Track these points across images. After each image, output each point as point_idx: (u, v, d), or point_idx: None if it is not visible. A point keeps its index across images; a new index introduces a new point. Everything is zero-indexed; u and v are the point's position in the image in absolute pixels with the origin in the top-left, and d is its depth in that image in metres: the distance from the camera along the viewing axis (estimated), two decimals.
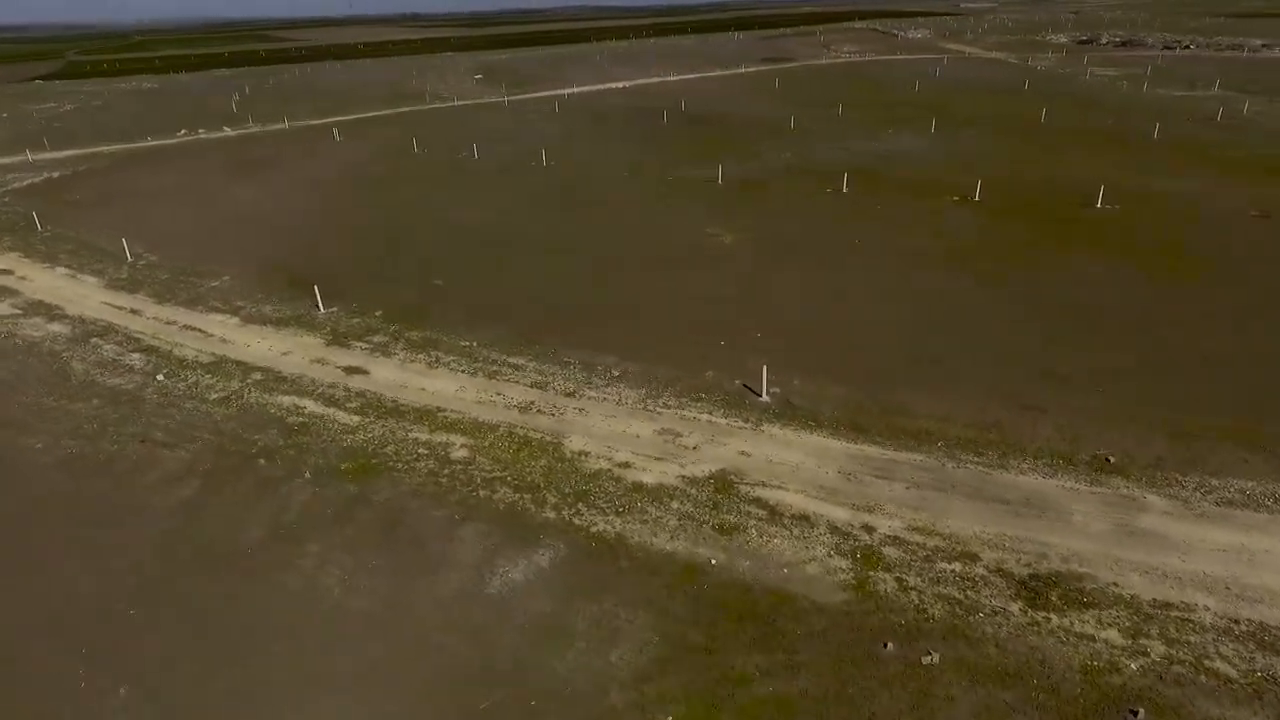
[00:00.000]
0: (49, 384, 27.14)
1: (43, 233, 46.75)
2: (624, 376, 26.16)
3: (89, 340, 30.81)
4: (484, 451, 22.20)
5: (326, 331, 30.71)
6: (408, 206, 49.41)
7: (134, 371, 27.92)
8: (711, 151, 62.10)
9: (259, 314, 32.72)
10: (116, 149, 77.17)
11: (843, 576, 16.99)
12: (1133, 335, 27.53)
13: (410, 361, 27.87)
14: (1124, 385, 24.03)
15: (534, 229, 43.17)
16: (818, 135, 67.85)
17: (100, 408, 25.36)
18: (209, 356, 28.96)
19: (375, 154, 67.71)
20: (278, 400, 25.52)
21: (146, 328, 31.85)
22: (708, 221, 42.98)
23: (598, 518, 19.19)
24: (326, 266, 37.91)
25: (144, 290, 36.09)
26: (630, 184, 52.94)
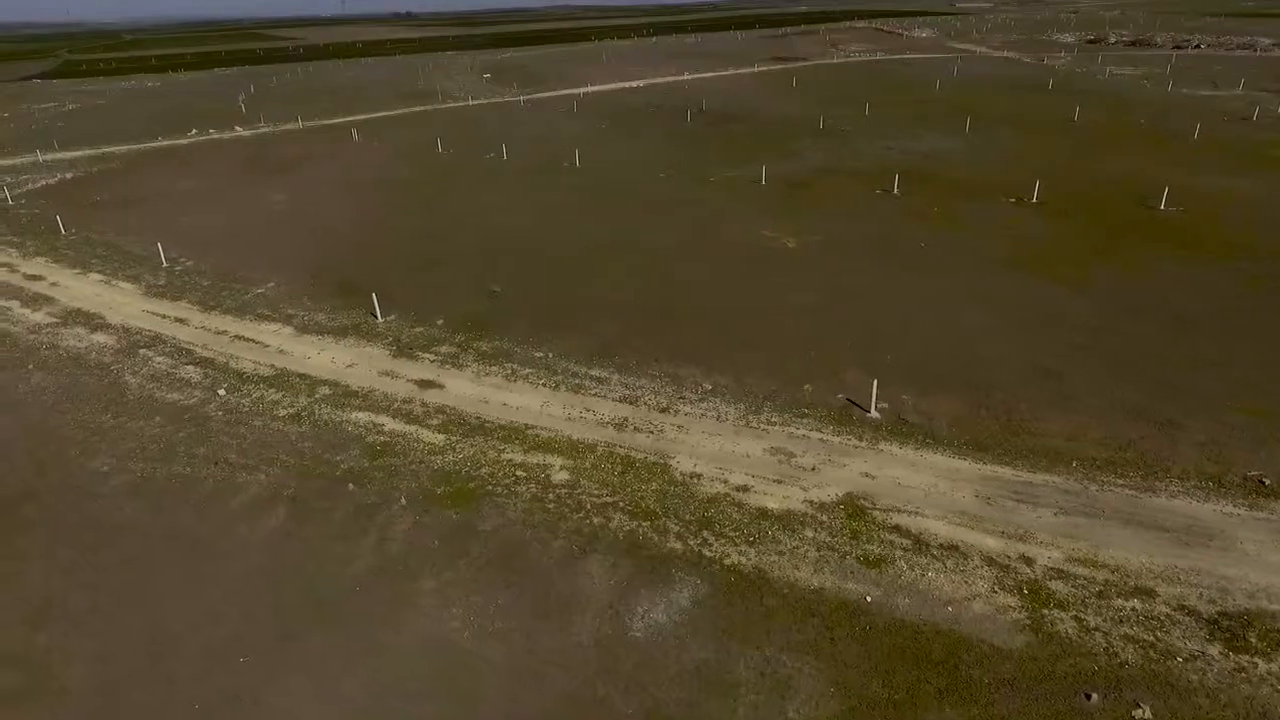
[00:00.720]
0: (104, 400, 25.53)
1: (68, 236, 45.02)
2: (716, 390, 24.75)
3: (137, 352, 29.19)
4: (587, 474, 20.76)
5: (389, 342, 29.18)
6: (446, 209, 47.85)
7: (192, 386, 26.33)
8: (745, 152, 60.76)
9: (313, 323, 31.15)
10: (128, 149, 75.28)
11: (1015, 615, 15.62)
12: (1245, 343, 26.29)
13: (485, 375, 26.37)
14: (1257, 399, 22.75)
15: (582, 232, 41.69)
16: (850, 135, 66.54)
17: (164, 426, 23.77)
18: (269, 369, 27.40)
19: (399, 154, 66.06)
20: (352, 417, 24.00)
21: (196, 338, 30.24)
22: (763, 224, 41.59)
23: (729, 549, 17.77)
24: (374, 272, 36.35)
25: (186, 298, 34.46)
26: (671, 185, 51.51)
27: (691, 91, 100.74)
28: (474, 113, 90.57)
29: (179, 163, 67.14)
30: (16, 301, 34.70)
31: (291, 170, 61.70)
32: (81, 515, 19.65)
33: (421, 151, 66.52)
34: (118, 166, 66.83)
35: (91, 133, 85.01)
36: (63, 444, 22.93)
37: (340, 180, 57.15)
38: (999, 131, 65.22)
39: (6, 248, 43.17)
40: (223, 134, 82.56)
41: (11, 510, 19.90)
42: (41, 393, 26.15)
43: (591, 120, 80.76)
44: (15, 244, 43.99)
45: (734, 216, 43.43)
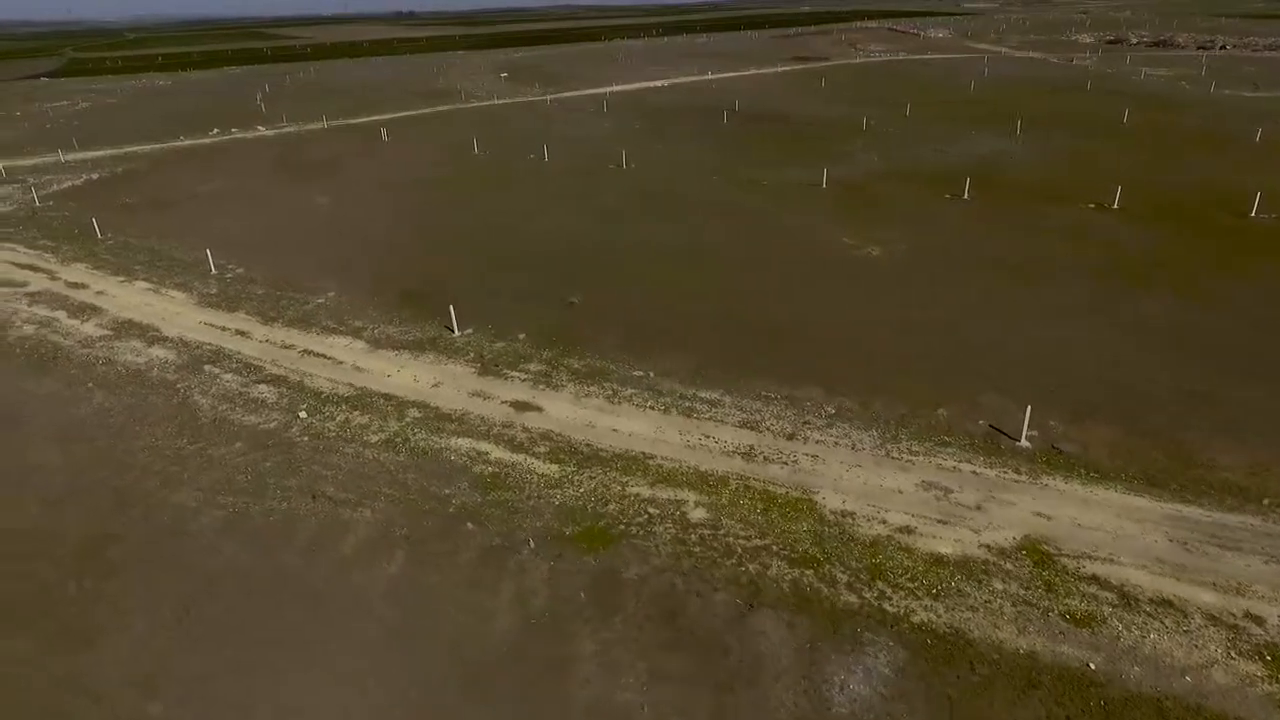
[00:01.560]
0: (177, 423, 23.57)
1: (104, 240, 43.04)
2: (842, 415, 22.84)
3: (202, 368, 27.22)
4: (726, 511, 18.83)
5: (471, 358, 27.23)
6: (498, 212, 45.90)
7: (269, 407, 24.37)
8: (793, 154, 58.91)
9: (385, 337, 29.20)
10: (150, 149, 73.29)
11: (1266, 687, 13.70)
12: None
13: (585, 396, 24.43)
14: None
15: (647, 237, 39.76)
16: (898, 136, 64.65)
17: (247, 453, 21.82)
18: (348, 389, 25.44)
19: (435, 155, 64.08)
20: (451, 444, 22.06)
21: (262, 353, 28.27)
22: (837, 230, 39.68)
23: (911, 602, 15.85)
24: (439, 281, 34.42)
25: (243, 308, 32.50)
26: (727, 188, 49.59)
27: (718, 92, 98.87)
28: (501, 112, 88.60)
29: (206, 163, 65.13)
30: (63, 312, 32.72)
31: (327, 171, 59.72)
32: (176, 559, 17.69)
33: (458, 152, 64.55)
34: (143, 167, 64.84)
35: (110, 132, 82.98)
36: (140, 474, 20.96)
37: (380, 181, 55.19)
38: (1052, 134, 63.33)
39: (43, 253, 41.19)
40: (246, 133, 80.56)
41: (98, 552, 17.94)
42: (108, 414, 24.19)
43: (624, 120, 78.81)
44: (51, 248, 42.01)
45: (803, 222, 41.53)
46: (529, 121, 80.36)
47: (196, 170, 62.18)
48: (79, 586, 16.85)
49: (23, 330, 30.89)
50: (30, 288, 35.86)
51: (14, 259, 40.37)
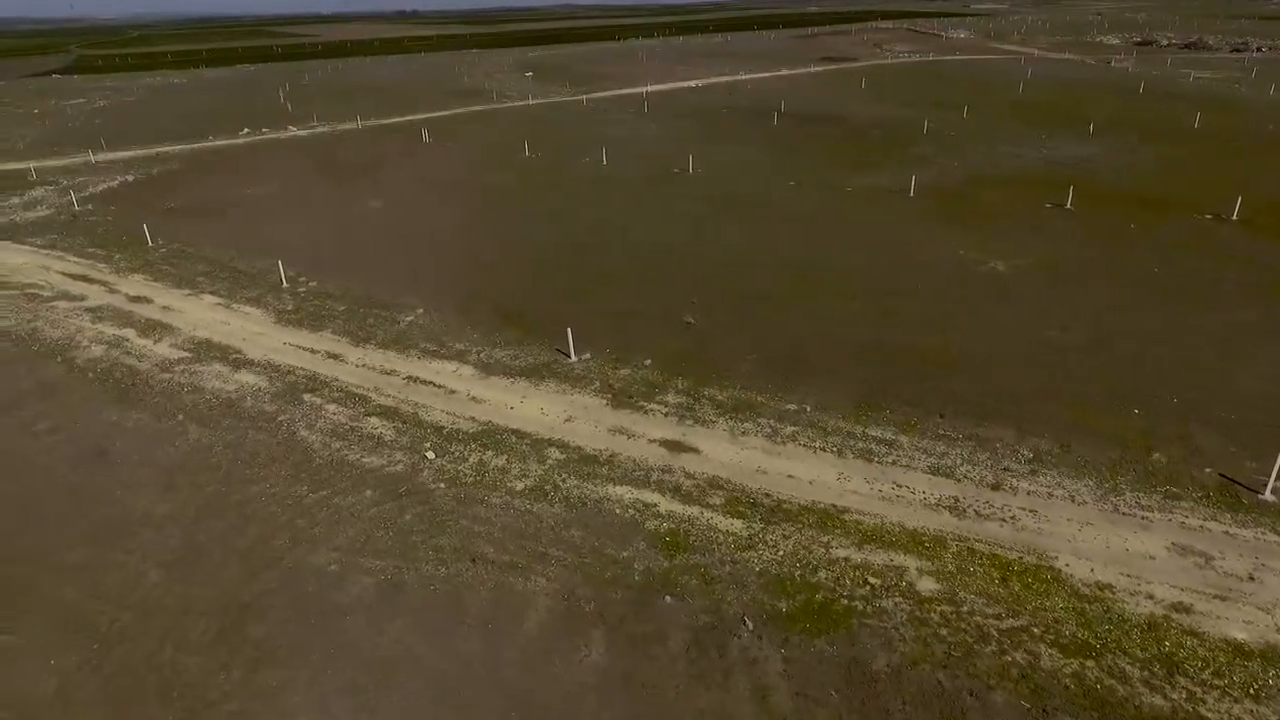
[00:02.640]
0: (290, 465, 20.92)
1: (157, 248, 40.39)
2: (1043, 459, 20.23)
3: (300, 398, 24.56)
4: (959, 582, 16.22)
5: (598, 388, 24.59)
6: (574, 220, 43.28)
7: (388, 446, 21.72)
8: (863, 158, 56.35)
9: (495, 362, 26.55)
10: (180, 149, 70.65)
11: None
12: None
13: (742, 435, 21.80)
14: None
15: (743, 249, 37.16)
16: (965, 140, 62.06)
17: (380, 503, 19.18)
18: (471, 423, 22.80)
19: (484, 157, 61.44)
20: (609, 493, 19.43)
21: (363, 380, 25.62)
22: (947, 241, 37.08)
23: (1232, 706, 13.25)
24: (534, 297, 31.84)
25: (328, 327, 29.84)
26: (809, 195, 46.98)
27: (757, 92, 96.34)
28: (539, 113, 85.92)
29: (244, 165, 62.47)
30: (131, 330, 30.05)
31: (374, 173, 57.08)
32: (333, 642, 15.04)
33: (507, 154, 61.91)
34: (178, 168, 62.18)
35: (136, 131, 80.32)
36: (264, 528, 18.31)
37: (434, 185, 52.55)
38: (1127, 139, 60.77)
39: (95, 262, 38.52)
40: (278, 133, 77.93)
41: (238, 632, 15.31)
42: (208, 453, 21.53)
43: (670, 122, 76.20)
44: (102, 257, 39.34)
45: (906, 233, 38.92)
46: (571, 122, 77.73)
47: (236, 172, 59.51)
48: (227, 679, 14.22)
49: (92, 351, 28.23)
50: (89, 301, 33.20)
51: (65, 269, 37.71)
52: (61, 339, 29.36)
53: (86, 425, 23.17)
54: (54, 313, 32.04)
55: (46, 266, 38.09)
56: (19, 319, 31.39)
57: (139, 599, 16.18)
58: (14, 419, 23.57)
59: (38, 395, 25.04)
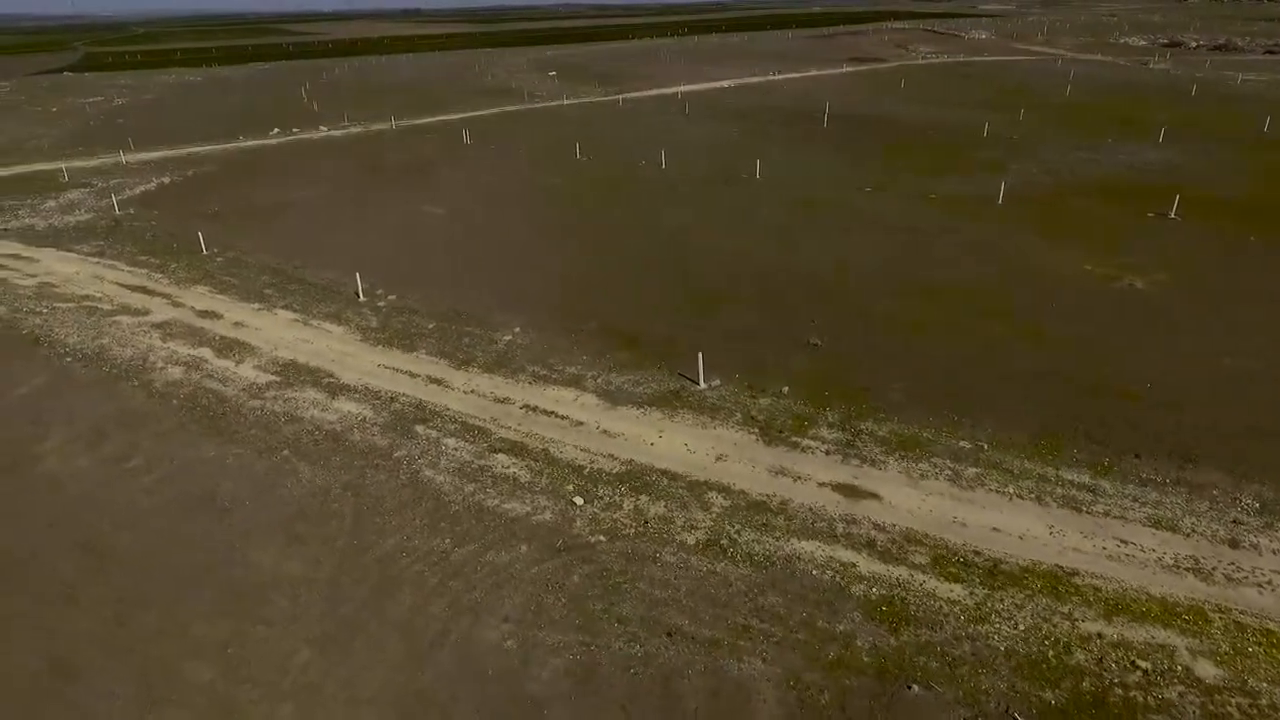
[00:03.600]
0: (424, 512, 18.63)
1: (214, 256, 38.11)
2: (1273, 510, 17.96)
3: (413, 430, 22.28)
4: (1242, 665, 13.98)
5: (740, 420, 22.32)
6: (651, 227, 41.01)
7: (528, 489, 19.44)
8: (934, 163, 54.13)
9: (617, 389, 24.26)
10: (212, 149, 68.37)
11: None
12: None
13: (921, 477, 19.54)
14: None
15: (848, 263, 34.91)
16: (1032, 144, 59.84)
17: (541, 561, 16.90)
18: (611, 462, 20.53)
19: (534, 160, 59.14)
20: (795, 549, 17.17)
21: (477, 409, 23.34)
22: (1064, 255, 34.85)
23: None
24: (634, 314, 29.64)
25: (422, 347, 27.55)
26: (891, 203, 44.74)
27: (794, 93, 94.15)
28: (577, 113, 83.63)
29: (282, 166, 60.18)
30: (207, 349, 27.73)
31: (422, 177, 54.79)
32: None
33: (557, 157, 59.63)
34: (214, 170, 59.86)
35: (162, 131, 78.03)
36: (415, 593, 16.03)
37: (490, 189, 50.28)
38: (1200, 143, 58.61)
39: (150, 271, 36.22)
40: (310, 134, 75.66)
41: None
42: (327, 498, 19.25)
43: (716, 123, 73.94)
44: (156, 266, 37.05)
45: (1015, 244, 36.69)
46: (613, 124, 75.46)
47: (276, 175, 57.23)
48: None
49: (169, 373, 25.92)
50: (154, 316, 30.89)
51: (119, 279, 35.41)
52: (133, 359, 27.05)
53: (184, 462, 20.88)
54: (119, 329, 29.74)
55: (100, 276, 35.79)
56: (83, 336, 29.09)
57: (294, 685, 13.90)
58: (103, 454, 21.27)
59: (122, 425, 22.74)
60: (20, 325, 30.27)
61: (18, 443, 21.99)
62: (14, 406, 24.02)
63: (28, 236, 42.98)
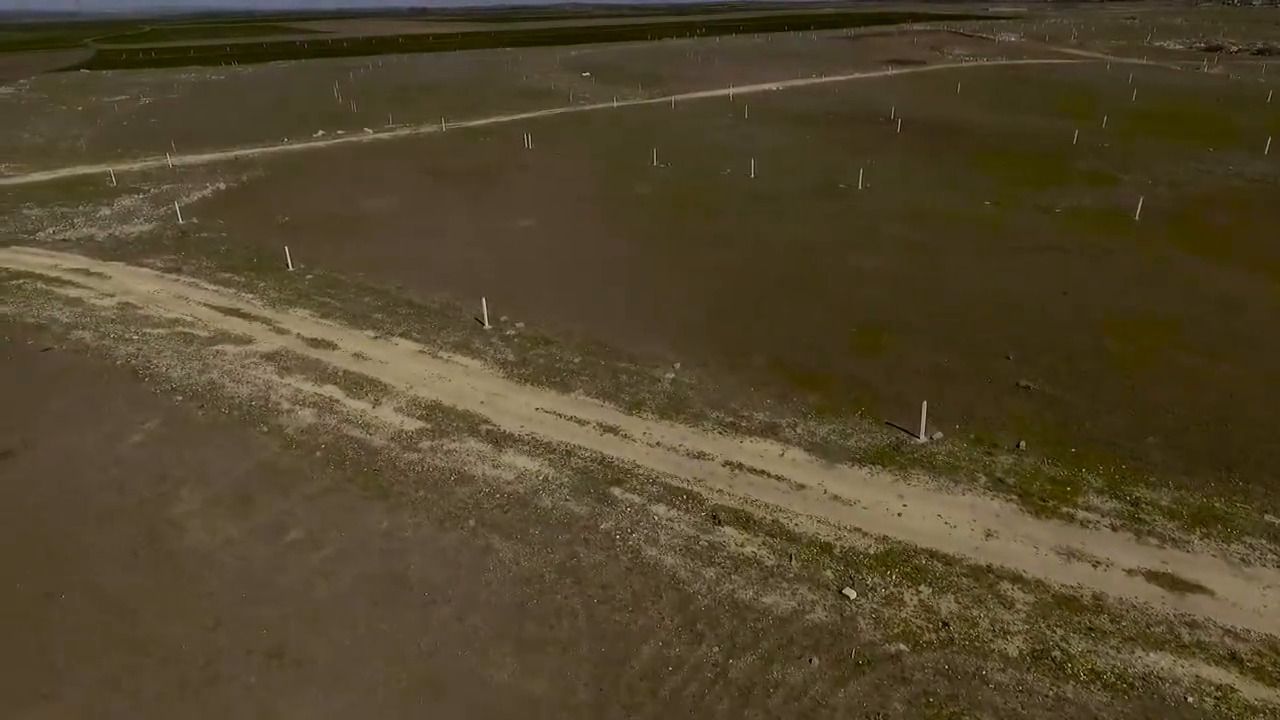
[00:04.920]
0: (669, 608, 15.49)
1: (302, 274, 35.01)
2: None
3: (608, 493, 19.13)
4: None
5: (987, 484, 19.20)
6: (771, 246, 37.93)
7: (777, 575, 16.31)
8: (1038, 174, 51.27)
9: (826, 442, 21.11)
10: (259, 152, 65.25)
11: None
12: None
13: (1245, 563, 16.49)
14: None
15: (1016, 288, 31.82)
16: (1132, 154, 56.86)
17: (842, 681, 13.79)
18: (860, 538, 17.40)
19: (607, 168, 56.04)
20: (1143, 664, 14.09)
21: (669, 466, 20.20)
22: (1252, 282, 31.73)
23: None
24: (801, 347, 26.61)
25: (577, 387, 24.39)
26: (1017, 217, 41.68)
27: (848, 97, 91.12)
28: (632, 117, 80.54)
29: (340, 171, 57.05)
30: (334, 387, 24.55)
31: (495, 184, 51.69)
32: None
33: (631, 163, 56.50)
34: (268, 175, 56.74)
35: (199, 131, 74.90)
36: None
37: (574, 199, 47.17)
38: None
39: (239, 291, 33.06)
40: (355, 136, 72.57)
41: None
42: (542, 585, 16.09)
43: (782, 128, 70.84)
44: (243, 284, 33.90)
45: (1185, 268, 33.73)
46: (675, 128, 72.34)
47: (335, 181, 54.09)
48: None
49: (300, 418, 22.74)
50: (260, 345, 27.71)
51: (206, 299, 32.25)
52: (253, 398, 23.87)
53: (355, 535, 17.70)
54: (225, 360, 26.56)
55: (184, 296, 32.62)
56: (187, 368, 25.90)
57: None
58: (254, 523, 18.09)
59: (266, 484, 19.56)
60: (113, 354, 27.09)
61: (149, 507, 18.81)
62: (133, 459, 20.83)
63: (91, 248, 39.84)
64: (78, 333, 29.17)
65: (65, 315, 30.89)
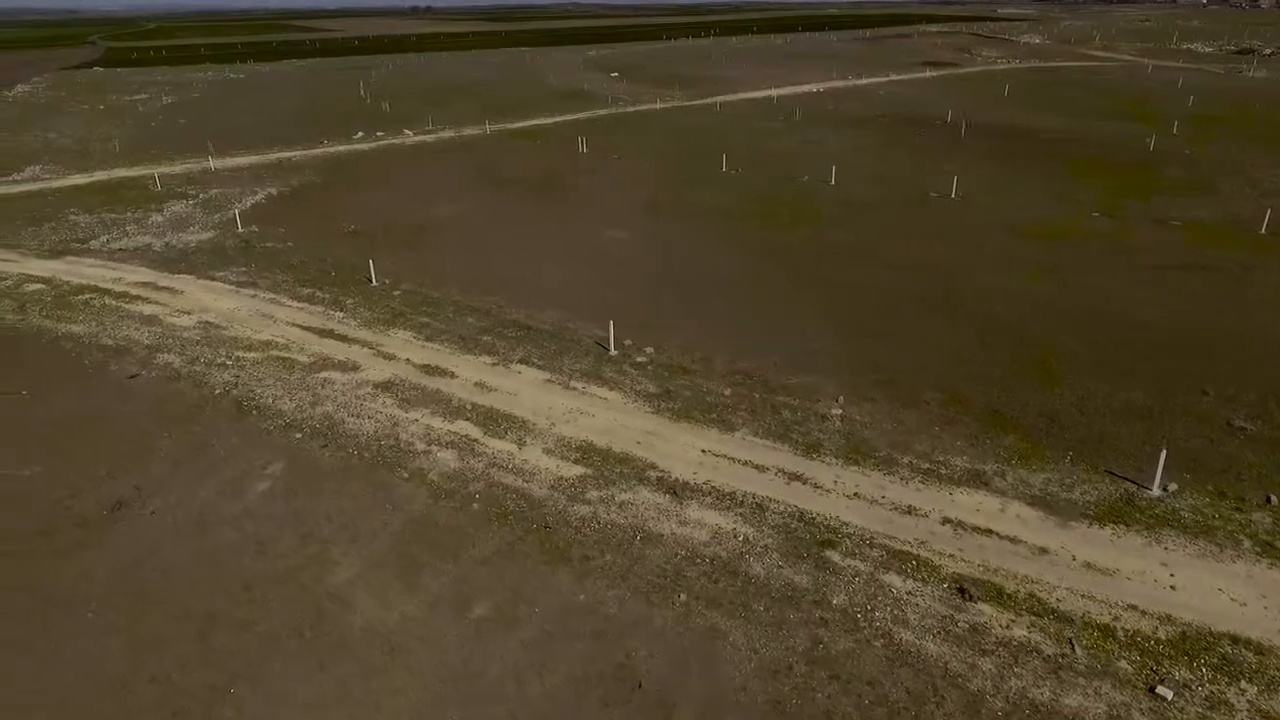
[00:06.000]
0: (952, 712, 13.01)
1: (387, 289, 32.62)
2: None
3: (825, 559, 16.75)
4: None
5: (1256, 548, 16.85)
6: (879, 259, 35.56)
7: (1064, 668, 13.93)
8: (1127, 181, 49.16)
9: (1046, 495, 18.72)
10: (301, 155, 62.85)
11: None
12: None
13: None
14: None
15: (1166, 307, 29.42)
16: (1218, 160, 54.62)
17: None
18: (1140, 618, 15.05)
19: (677, 174, 53.65)
20: None
21: (880, 523, 17.81)
22: None
23: None
24: (972, 378, 24.27)
25: (739, 425, 22.00)
26: (1134, 231, 39.41)
27: (893, 99, 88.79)
28: (681, 119, 78.16)
29: (393, 176, 54.62)
30: (468, 424, 22.08)
31: (562, 191, 49.32)
32: None
33: (699, 169, 54.12)
34: (319, 180, 54.27)
35: (230, 132, 72.44)
36: None
37: (652, 207, 44.79)
38: None
39: (328, 309, 30.59)
40: (397, 138, 70.16)
41: None
42: (793, 680, 13.77)
43: (840, 132, 68.47)
44: (329, 301, 31.44)
45: None
46: (730, 132, 69.89)
47: (390, 185, 51.66)
48: None
49: (441, 461, 20.30)
50: (369, 373, 25.25)
51: (294, 318, 29.78)
52: (381, 437, 21.41)
53: (551, 613, 15.28)
54: (335, 390, 24.09)
55: (269, 315, 30.15)
56: (297, 400, 23.43)
57: None
58: (433, 596, 15.64)
59: (429, 546, 17.12)
60: (210, 383, 24.61)
61: (302, 575, 16.34)
62: (265, 512, 18.37)
63: (152, 259, 37.38)
64: (163, 356, 26.69)
65: (144, 336, 28.41)
